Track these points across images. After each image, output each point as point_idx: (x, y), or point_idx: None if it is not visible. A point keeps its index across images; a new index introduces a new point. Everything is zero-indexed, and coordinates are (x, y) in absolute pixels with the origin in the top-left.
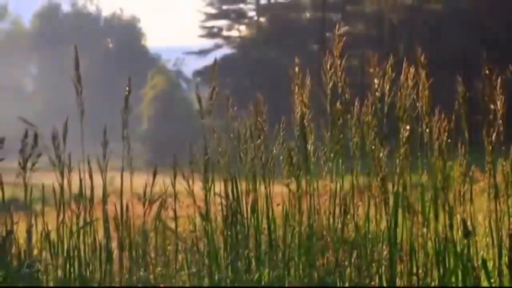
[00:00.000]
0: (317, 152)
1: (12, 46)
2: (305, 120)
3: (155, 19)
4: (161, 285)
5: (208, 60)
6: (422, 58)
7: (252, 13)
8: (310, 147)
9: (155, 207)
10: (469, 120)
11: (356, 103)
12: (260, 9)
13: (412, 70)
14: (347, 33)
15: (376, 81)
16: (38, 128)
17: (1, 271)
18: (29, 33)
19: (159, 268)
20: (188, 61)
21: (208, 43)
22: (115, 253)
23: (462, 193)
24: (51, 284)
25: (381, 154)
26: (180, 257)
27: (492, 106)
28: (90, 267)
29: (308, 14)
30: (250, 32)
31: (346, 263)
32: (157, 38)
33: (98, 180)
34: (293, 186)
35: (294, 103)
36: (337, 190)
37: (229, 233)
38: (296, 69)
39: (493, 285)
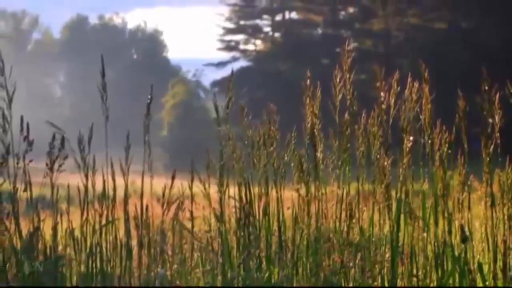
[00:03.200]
0: (325, 160)
1: (42, 55)
2: (315, 130)
3: (176, 32)
4: (177, 282)
5: (225, 72)
6: (426, 74)
7: (267, 29)
8: (319, 155)
9: (173, 208)
10: (468, 132)
11: (363, 115)
12: (275, 25)
13: (416, 84)
14: (356, 49)
15: (382, 94)
16: (65, 132)
17: (27, 265)
18: (58, 43)
19: (175, 265)
20: (206, 72)
21: (226, 55)
22: (135, 250)
23: (460, 201)
24: (74, 278)
25: (385, 163)
26: (195, 256)
27: (490, 120)
28: (111, 263)
29: (320, 31)
30: (265, 46)
31: (351, 264)
32: (178, 50)
33: (120, 181)
34: (303, 191)
35: (305, 114)
36: (344, 195)
37: (241, 233)
38: (308, 81)
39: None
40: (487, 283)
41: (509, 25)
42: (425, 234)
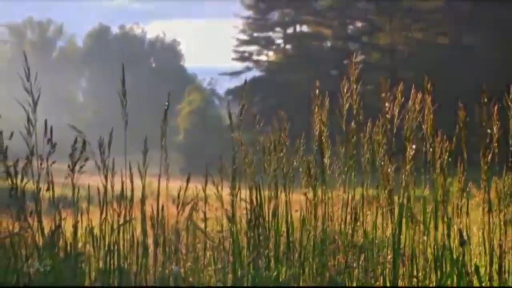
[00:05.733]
0: (332, 166)
1: (66, 62)
2: (323, 137)
3: (193, 42)
4: (190, 279)
5: (239, 81)
6: (428, 86)
7: (279, 41)
8: (326, 161)
9: (187, 209)
10: (467, 142)
11: (368, 123)
12: (287, 37)
13: (419, 96)
14: (363, 61)
15: (387, 104)
16: (86, 136)
17: (50, 260)
18: (81, 51)
19: (189, 263)
20: (221, 81)
21: (240, 65)
22: (151, 248)
23: (459, 207)
24: (92, 274)
25: (389, 170)
26: (208, 254)
27: (488, 131)
28: (128, 260)
29: (329, 43)
30: (277, 57)
31: (355, 264)
32: (194, 59)
33: (137, 183)
34: (310, 195)
35: (314, 122)
36: (349, 200)
37: (252, 234)
38: (317, 91)
39: None
40: (483, 285)
41: (509, 42)
42: (425, 238)
